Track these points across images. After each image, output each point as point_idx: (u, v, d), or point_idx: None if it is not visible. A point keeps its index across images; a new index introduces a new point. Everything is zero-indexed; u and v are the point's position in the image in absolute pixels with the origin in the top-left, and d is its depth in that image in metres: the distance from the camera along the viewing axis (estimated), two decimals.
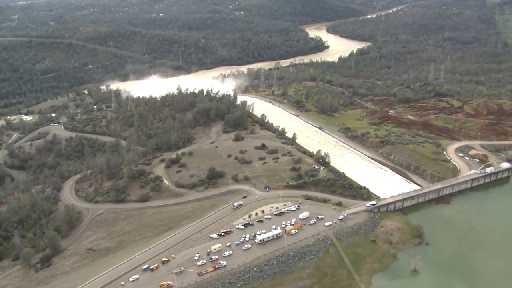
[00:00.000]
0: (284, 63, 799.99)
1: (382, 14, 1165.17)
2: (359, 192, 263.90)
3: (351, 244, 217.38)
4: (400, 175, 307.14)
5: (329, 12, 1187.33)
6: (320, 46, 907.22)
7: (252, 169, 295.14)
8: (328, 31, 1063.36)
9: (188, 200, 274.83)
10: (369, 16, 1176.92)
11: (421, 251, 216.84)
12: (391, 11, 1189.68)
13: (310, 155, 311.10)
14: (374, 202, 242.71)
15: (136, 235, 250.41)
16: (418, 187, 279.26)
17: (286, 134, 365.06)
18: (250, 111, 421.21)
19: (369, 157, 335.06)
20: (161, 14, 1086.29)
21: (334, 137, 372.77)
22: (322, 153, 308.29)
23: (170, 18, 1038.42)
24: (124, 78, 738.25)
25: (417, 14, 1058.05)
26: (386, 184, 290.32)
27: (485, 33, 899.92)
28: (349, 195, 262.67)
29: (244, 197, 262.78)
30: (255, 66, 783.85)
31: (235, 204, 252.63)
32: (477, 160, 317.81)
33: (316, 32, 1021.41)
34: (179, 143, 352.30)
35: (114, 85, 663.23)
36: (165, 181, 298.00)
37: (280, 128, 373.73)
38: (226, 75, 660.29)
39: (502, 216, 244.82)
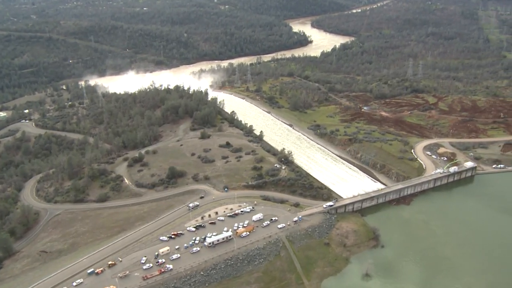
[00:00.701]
0: (266, 58, 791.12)
1: (368, 8, 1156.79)
2: (319, 192, 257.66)
3: (303, 247, 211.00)
4: (366, 174, 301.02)
5: (314, 6, 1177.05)
6: (303, 41, 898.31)
7: (214, 168, 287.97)
8: (313, 25, 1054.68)
9: (146, 201, 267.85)
10: (354, 11, 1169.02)
11: (375, 254, 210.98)
12: (376, 6, 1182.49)
13: (275, 153, 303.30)
14: (331, 203, 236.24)
15: (89, 236, 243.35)
16: (382, 187, 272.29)
17: (254, 132, 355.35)
18: (221, 107, 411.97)
19: (336, 155, 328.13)
20: (145, 8, 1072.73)
21: (303, 134, 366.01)
22: (286, 152, 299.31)
23: (154, 12, 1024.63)
24: (104, 73, 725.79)
25: (401, 9, 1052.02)
26: (351, 183, 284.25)
27: (467, 28, 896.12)
28: (309, 195, 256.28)
29: (202, 197, 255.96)
30: (237, 61, 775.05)
31: (191, 205, 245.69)
32: (445, 159, 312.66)
33: (300, 26, 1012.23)
34: (145, 141, 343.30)
35: (93, 81, 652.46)
36: (126, 180, 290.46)
37: (249, 126, 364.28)
38: (206, 70, 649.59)
39: (461, 217, 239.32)
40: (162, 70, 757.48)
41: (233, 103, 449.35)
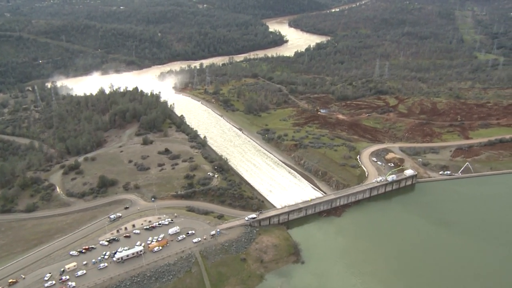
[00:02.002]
0: (239, 58, 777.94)
1: (346, 8, 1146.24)
2: (249, 203, 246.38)
3: (218, 262, 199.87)
4: (308, 181, 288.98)
5: (293, 5, 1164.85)
6: (278, 41, 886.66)
7: (147, 177, 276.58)
8: (290, 25, 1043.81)
9: (73, 211, 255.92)
10: (333, 10, 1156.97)
11: (293, 270, 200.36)
12: (355, 5, 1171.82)
13: (212, 160, 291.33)
14: (253, 215, 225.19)
15: (5, 250, 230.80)
16: (320, 195, 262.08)
17: (199, 137, 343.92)
18: (174, 110, 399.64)
19: (281, 161, 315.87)
20: (121, 7, 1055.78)
21: (251, 139, 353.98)
22: (225, 159, 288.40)
23: (130, 11, 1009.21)
24: (74, 74, 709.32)
25: (379, 9, 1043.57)
26: (291, 191, 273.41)
27: (444, 28, 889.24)
28: (239, 205, 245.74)
29: (126, 208, 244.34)
30: (210, 61, 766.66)
31: (112, 216, 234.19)
32: (392, 165, 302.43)
33: (278, 26, 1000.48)
34: (87, 147, 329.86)
35: (60, 82, 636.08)
36: (58, 189, 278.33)
37: (195, 130, 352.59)
38: (175, 71, 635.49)
39: (393, 230, 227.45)
40: (133, 70, 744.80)
41: (189, 106, 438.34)
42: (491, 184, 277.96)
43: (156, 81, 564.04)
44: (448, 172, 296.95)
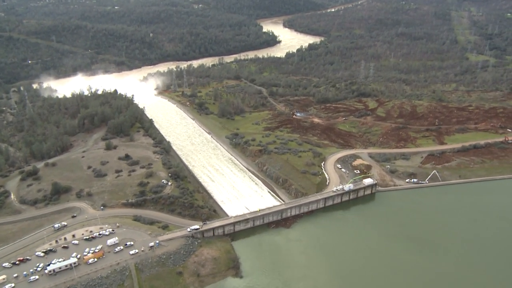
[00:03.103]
0: (229, 58, 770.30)
1: (342, 8, 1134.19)
2: (199, 212, 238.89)
3: (153, 276, 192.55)
4: (269, 189, 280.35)
5: (288, 6, 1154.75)
6: (271, 41, 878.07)
7: (102, 184, 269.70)
8: (284, 25, 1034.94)
9: (21, 219, 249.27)
10: (329, 10, 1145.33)
11: (229, 285, 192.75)
12: (351, 5, 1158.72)
13: (170, 167, 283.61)
14: (196, 226, 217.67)
15: None
16: (278, 203, 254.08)
17: (167, 141, 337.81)
18: (146, 114, 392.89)
19: (245, 167, 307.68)
20: (116, 7, 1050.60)
21: (219, 144, 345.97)
22: (181, 165, 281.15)
23: (125, 11, 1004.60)
24: (64, 74, 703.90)
25: (374, 9, 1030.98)
26: (250, 200, 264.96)
27: (439, 29, 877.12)
28: (188, 215, 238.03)
29: (74, 216, 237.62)
30: (200, 61, 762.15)
31: (56, 225, 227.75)
32: (358, 172, 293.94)
33: (272, 26, 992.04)
34: (51, 152, 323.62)
35: (47, 83, 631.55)
36: (12, 196, 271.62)
37: (165, 134, 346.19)
38: (163, 72, 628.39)
39: (342, 244, 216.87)
40: (123, 71, 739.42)
41: (163, 109, 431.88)
42: (456, 194, 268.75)
43: (140, 83, 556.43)
44: (415, 180, 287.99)
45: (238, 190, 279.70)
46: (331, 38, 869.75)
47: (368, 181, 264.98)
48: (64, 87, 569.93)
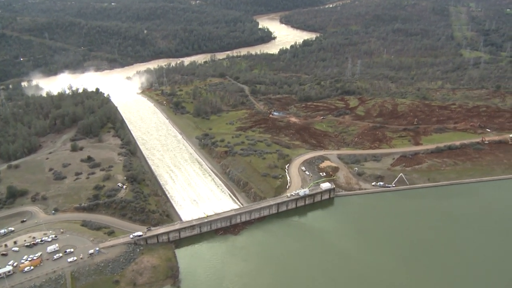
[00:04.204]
0: (221, 55, 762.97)
1: (340, 3, 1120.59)
2: (150, 217, 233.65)
3: (88, 284, 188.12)
4: (231, 192, 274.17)
5: (286, 1, 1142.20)
6: (265, 38, 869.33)
7: (59, 187, 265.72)
8: (281, 21, 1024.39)
9: None
10: (326, 6, 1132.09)
11: None
12: (349, 1, 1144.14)
13: (130, 169, 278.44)
14: (139, 233, 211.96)
15: None
16: (236, 207, 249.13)
17: (136, 142, 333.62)
18: (120, 113, 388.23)
19: (210, 169, 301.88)
20: (113, 4, 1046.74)
21: (189, 144, 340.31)
22: (141, 167, 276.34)
23: (121, 7, 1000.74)
24: (54, 72, 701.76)
25: (372, 4, 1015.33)
26: (209, 204, 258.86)
27: (436, 25, 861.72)
28: (139, 220, 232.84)
29: (23, 221, 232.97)
30: (193, 58, 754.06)
31: (3, 231, 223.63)
32: (324, 174, 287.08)
33: (269, 22, 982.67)
34: (17, 153, 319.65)
35: (36, 80, 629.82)
36: None
37: (136, 135, 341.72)
38: (149, 70, 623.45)
39: (285, 254, 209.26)
40: (115, 68, 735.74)
41: (140, 109, 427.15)
42: (420, 198, 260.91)
43: (125, 81, 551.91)
44: (381, 183, 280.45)
45: (199, 193, 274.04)
46: (326, 34, 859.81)
47: (325, 185, 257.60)
48: (50, 85, 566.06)
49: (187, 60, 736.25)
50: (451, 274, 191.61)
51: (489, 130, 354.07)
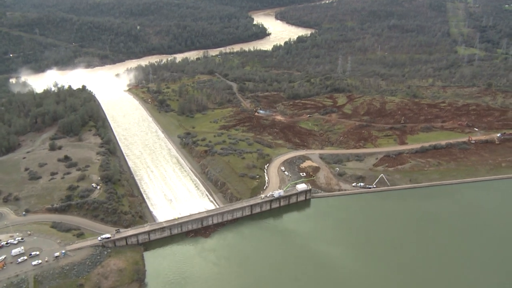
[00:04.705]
0: (214, 52, 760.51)
1: None
2: (122, 218, 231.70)
3: None
4: (208, 193, 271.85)
5: None
6: (260, 34, 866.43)
7: (33, 187, 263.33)
8: (276, 17, 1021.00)
9: None
10: (323, 2, 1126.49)
11: None
12: None
13: (106, 169, 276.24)
14: (107, 235, 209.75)
15: None
16: (213, 207, 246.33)
17: (117, 141, 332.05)
18: (104, 112, 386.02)
19: (190, 169, 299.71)
20: None
21: (170, 143, 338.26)
22: (118, 167, 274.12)
23: (114, 3, 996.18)
24: (44, 69, 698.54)
25: (368, 0, 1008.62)
26: (188, 204, 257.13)
27: (432, 21, 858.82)
28: (110, 221, 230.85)
29: None
30: (186, 55, 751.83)
31: None
32: (304, 174, 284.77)
33: (264, 18, 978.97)
34: None
35: (26, 77, 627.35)
36: None
37: (118, 133, 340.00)
38: (145, 65, 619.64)
39: (253, 256, 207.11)
40: (106, 65, 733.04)
41: (125, 107, 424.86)
42: (399, 200, 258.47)
43: (114, 78, 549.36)
44: (362, 184, 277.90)
45: (176, 193, 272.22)
46: (321, 31, 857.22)
47: (301, 186, 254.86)
48: (38, 82, 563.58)
49: (179, 57, 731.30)
50: (430, 277, 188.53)
51: (476, 129, 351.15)
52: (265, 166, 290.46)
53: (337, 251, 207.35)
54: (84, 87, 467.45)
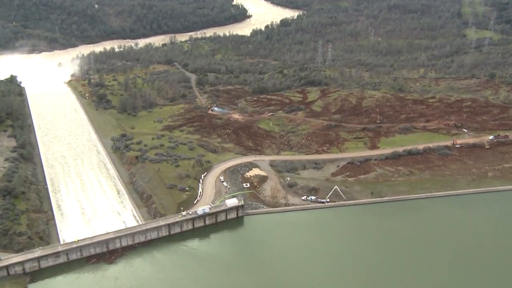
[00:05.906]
0: (183, 37, 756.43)
1: None
2: (14, 241, 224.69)
3: None
4: (133, 207, 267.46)
5: None
6: (239, 16, 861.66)
7: None
8: None
9: None
10: None
11: None
12: None
13: (10, 179, 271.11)
14: None
15: None
16: (135, 224, 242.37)
17: (36, 144, 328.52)
18: (31, 107, 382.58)
19: (118, 178, 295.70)
20: None
21: (102, 147, 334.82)
22: (23, 177, 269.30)
23: None
24: None
25: None
26: (106, 221, 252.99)
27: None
28: (1, 245, 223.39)
29: None
30: (150, 40, 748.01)
31: None
32: (247, 185, 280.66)
33: None
34: None
35: None
36: None
37: (42, 134, 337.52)
38: (92, 53, 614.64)
39: (161, 286, 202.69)
40: (55, 50, 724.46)
41: (59, 102, 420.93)
42: (356, 216, 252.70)
43: (55, 68, 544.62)
44: (313, 197, 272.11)
45: (95, 208, 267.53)
46: (310, 12, 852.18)
47: (231, 201, 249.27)
48: None
49: (142, 42, 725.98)
50: None
51: (465, 131, 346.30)
52: (202, 176, 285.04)
53: (260, 280, 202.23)
54: (13, 77, 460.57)
